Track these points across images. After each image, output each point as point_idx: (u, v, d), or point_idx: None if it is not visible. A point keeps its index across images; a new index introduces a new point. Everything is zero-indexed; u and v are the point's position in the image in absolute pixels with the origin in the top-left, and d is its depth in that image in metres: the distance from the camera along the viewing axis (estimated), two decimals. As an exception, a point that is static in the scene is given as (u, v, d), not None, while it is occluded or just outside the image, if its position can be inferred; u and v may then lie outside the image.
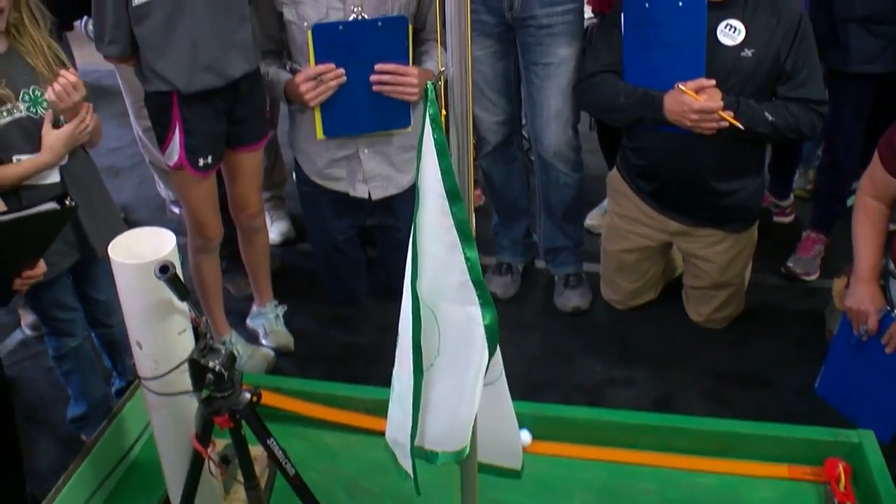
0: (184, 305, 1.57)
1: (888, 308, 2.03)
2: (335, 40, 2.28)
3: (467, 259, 1.18)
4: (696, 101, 2.19)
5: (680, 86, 2.20)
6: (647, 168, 2.48)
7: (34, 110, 1.92)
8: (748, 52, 2.23)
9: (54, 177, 1.97)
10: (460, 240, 1.17)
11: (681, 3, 2.18)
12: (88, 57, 2.69)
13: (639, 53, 2.28)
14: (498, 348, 1.38)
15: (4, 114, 1.88)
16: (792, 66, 2.26)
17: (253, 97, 2.29)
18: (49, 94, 1.88)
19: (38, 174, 1.94)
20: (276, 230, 3.20)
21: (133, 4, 2.05)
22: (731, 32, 2.24)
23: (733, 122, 2.20)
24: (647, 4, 2.23)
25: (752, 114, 2.23)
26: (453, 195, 1.14)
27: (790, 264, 2.94)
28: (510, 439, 1.51)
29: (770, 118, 2.24)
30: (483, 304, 1.22)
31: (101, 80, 4.17)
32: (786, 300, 2.84)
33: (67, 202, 1.69)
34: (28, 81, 1.92)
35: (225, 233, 2.49)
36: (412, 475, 1.40)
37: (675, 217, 2.51)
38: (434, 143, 1.14)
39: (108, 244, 1.53)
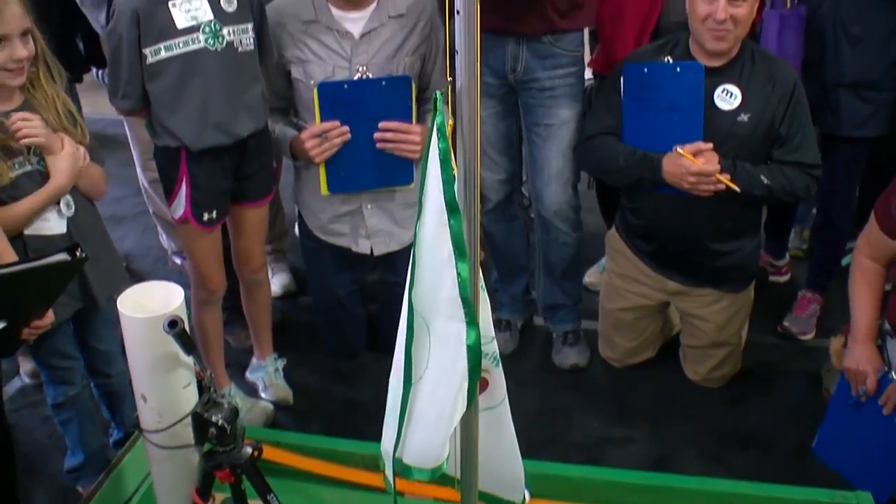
0: (189, 359, 1.59)
1: (886, 368, 2.05)
2: (340, 98, 2.34)
3: (458, 274, 1.20)
4: (693, 164, 2.24)
5: (678, 149, 2.26)
6: (646, 228, 2.52)
7: (43, 164, 1.95)
8: (744, 117, 2.29)
9: (61, 227, 2.00)
10: (454, 254, 1.19)
11: (679, 69, 2.25)
12: (95, 106, 2.74)
13: (638, 116, 2.34)
14: (501, 371, 1.38)
15: (17, 166, 1.91)
16: (787, 130, 2.32)
17: (260, 154, 2.33)
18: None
19: (47, 209, 1.96)
20: (276, 282, 3.23)
21: (148, 62, 2.11)
22: (728, 97, 2.30)
23: (730, 185, 2.25)
24: (645, 69, 2.30)
25: (749, 177, 2.28)
26: (452, 207, 1.15)
27: (786, 324, 2.96)
28: (511, 468, 1.50)
29: (766, 181, 2.29)
30: (468, 323, 1.23)
31: (107, 129, 4.23)
32: (782, 359, 2.86)
33: (78, 253, 1.71)
34: None
35: (227, 285, 2.51)
36: (392, 485, 1.39)
37: (673, 277, 2.55)
38: (438, 153, 1.16)
39: (110, 294, 1.56)
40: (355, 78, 2.36)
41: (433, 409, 1.32)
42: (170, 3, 2.09)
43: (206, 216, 2.29)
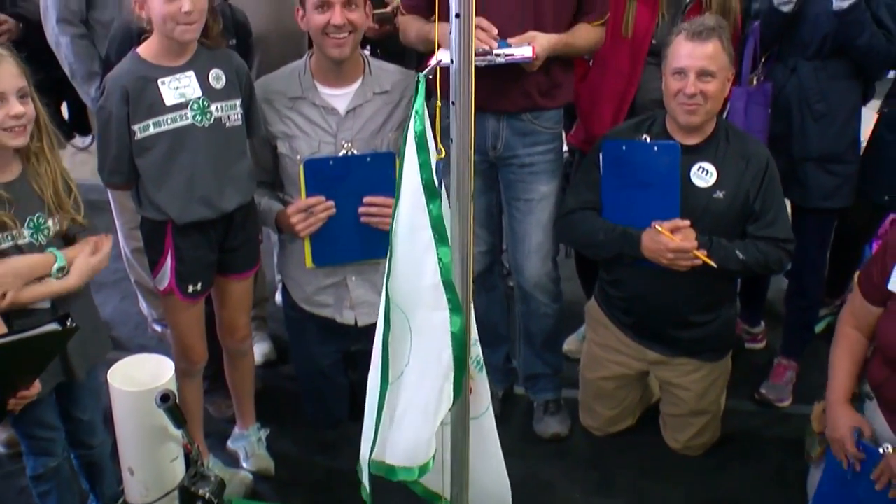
0: (178, 433, 1.60)
1: (873, 443, 2.06)
2: (326, 174, 2.38)
3: (440, 259, 1.19)
4: (671, 240, 2.30)
5: (656, 225, 2.32)
6: (625, 300, 2.57)
7: (37, 237, 1.95)
8: (720, 194, 2.37)
9: (44, 302, 1.99)
10: (434, 239, 1.18)
11: (656, 148, 2.33)
12: (77, 171, 2.74)
13: (617, 192, 2.41)
14: (485, 378, 1.36)
15: (8, 239, 1.91)
16: (761, 206, 2.39)
17: (246, 227, 2.36)
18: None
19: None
20: (257, 351, 3.21)
21: (136, 137, 2.14)
22: (704, 175, 2.37)
23: (707, 260, 2.31)
24: (624, 147, 2.38)
25: (725, 253, 2.34)
26: (430, 191, 1.15)
27: (763, 391, 3.00)
28: (498, 482, 1.47)
29: (741, 256, 2.35)
30: (452, 310, 1.22)
31: (88, 194, 4.13)
32: (761, 426, 2.89)
33: (69, 323, 1.71)
34: (35, 208, 1.96)
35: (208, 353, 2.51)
36: (367, 489, 1.36)
37: (653, 347, 2.59)
38: (414, 136, 1.15)
39: (94, 364, 1.55)
40: (340, 154, 2.41)
41: (418, 404, 1.29)
42: (159, 81, 2.13)
43: (191, 288, 2.30)
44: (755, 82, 2.73)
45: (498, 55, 2.20)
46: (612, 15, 2.53)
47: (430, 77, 1.34)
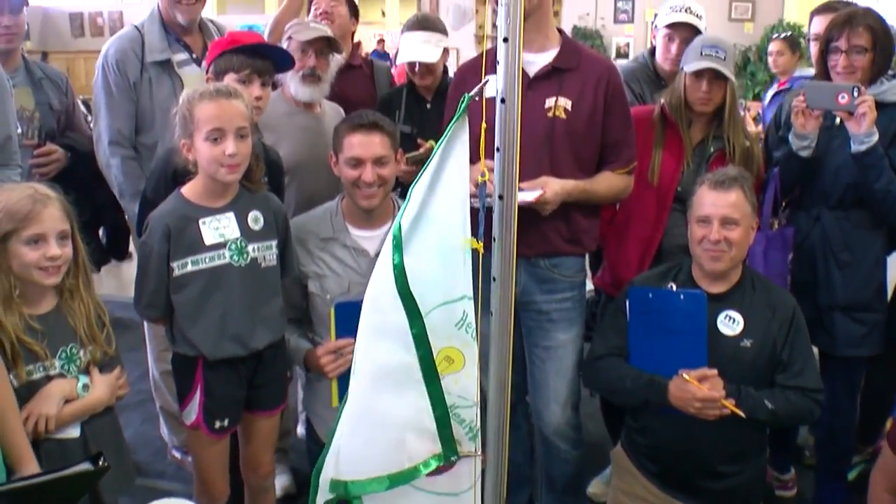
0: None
1: None
2: (355, 317, 2.38)
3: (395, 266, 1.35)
4: (699, 389, 2.28)
5: (684, 374, 2.31)
6: (652, 448, 2.52)
7: (68, 367, 1.99)
8: (747, 343, 2.36)
9: (75, 430, 2.01)
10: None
11: (682, 297, 2.34)
12: (107, 286, 2.81)
13: (643, 339, 2.41)
14: (476, 458, 1.36)
15: (40, 369, 1.95)
16: (788, 355, 2.38)
17: (275, 364, 2.38)
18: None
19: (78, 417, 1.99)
20: (277, 484, 3.14)
21: (174, 274, 2.20)
22: (731, 323, 2.38)
23: (735, 410, 2.28)
24: (650, 295, 2.39)
25: (753, 402, 2.32)
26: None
27: (796, 542, 2.91)
28: None
29: (770, 406, 2.32)
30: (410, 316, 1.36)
31: (114, 311, 4.26)
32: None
33: (101, 462, 1.71)
34: (68, 339, 2.01)
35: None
36: None
37: (680, 497, 2.51)
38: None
39: (119, 496, 1.54)
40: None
41: (377, 412, 1.40)
42: (200, 221, 2.21)
43: (218, 424, 2.31)
44: (776, 226, 2.77)
45: None
46: (638, 162, 2.58)
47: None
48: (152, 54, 2.92)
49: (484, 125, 1.33)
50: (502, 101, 1.20)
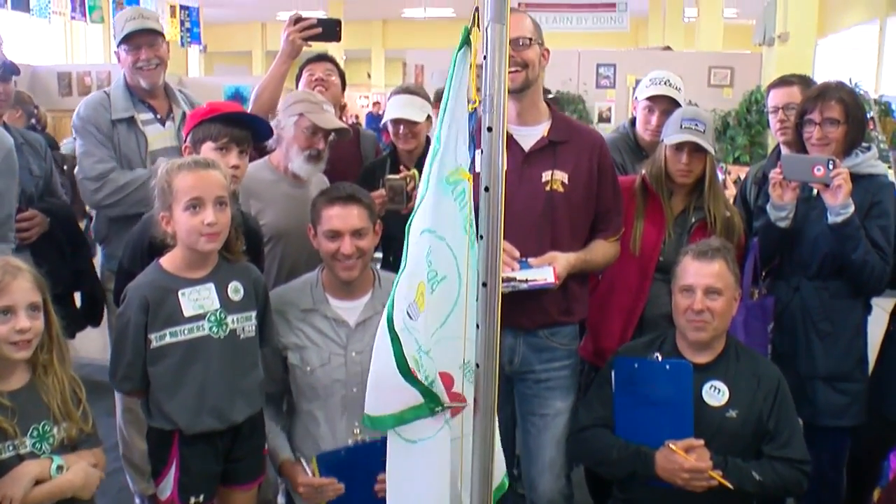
0: None
1: None
2: (339, 463, 2.36)
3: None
4: (686, 460, 2.26)
5: (670, 445, 2.28)
6: (640, 521, 2.49)
7: (40, 446, 1.94)
8: (733, 413, 2.35)
9: None
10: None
11: (668, 367, 2.34)
12: (84, 349, 2.75)
13: (629, 410, 2.39)
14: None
15: (10, 448, 1.89)
16: (775, 426, 2.36)
17: (253, 437, 2.34)
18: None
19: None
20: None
21: (151, 346, 2.16)
22: (716, 393, 2.37)
23: (723, 481, 2.25)
24: (636, 365, 2.38)
25: (740, 473, 2.29)
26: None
27: None
28: None
29: (758, 477, 2.30)
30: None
31: (93, 374, 4.20)
32: None
33: None
34: (41, 417, 1.95)
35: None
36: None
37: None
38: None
39: None
40: (350, 443, 2.40)
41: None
42: (179, 292, 2.18)
43: (192, 500, 2.25)
44: (756, 296, 2.78)
45: (522, 280, 2.24)
46: (620, 232, 2.61)
47: None
48: (117, 112, 3.01)
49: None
50: (486, 189, 1.20)
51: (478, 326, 1.18)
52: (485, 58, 1.23)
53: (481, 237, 1.23)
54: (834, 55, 13.85)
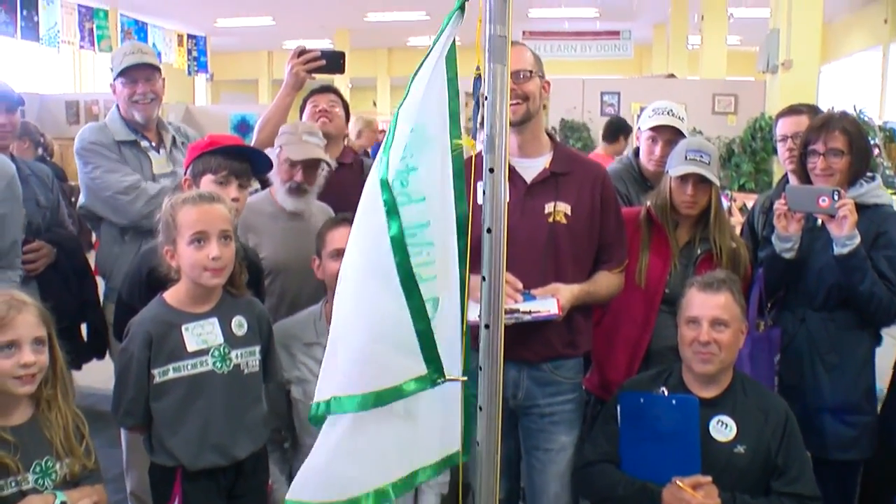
0: None
1: None
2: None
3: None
4: (693, 497, 2.22)
5: (677, 481, 2.25)
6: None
7: (42, 482, 1.92)
8: (741, 448, 2.32)
9: None
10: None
11: (674, 402, 2.31)
12: (89, 379, 2.74)
13: (635, 445, 2.36)
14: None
15: (12, 485, 1.87)
16: (783, 461, 2.33)
17: (256, 474, 2.31)
18: None
19: None
20: None
21: (154, 382, 2.15)
22: (723, 429, 2.34)
23: (731, 519, 2.23)
24: (641, 399, 2.36)
25: (749, 511, 2.26)
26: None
27: None
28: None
29: (767, 516, 2.27)
30: (388, 213, 1.33)
31: (97, 405, 4.19)
32: None
33: None
34: (44, 452, 1.94)
35: None
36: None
37: None
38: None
39: None
40: None
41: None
42: (183, 327, 2.17)
43: (195, 536, 2.22)
44: (762, 328, 2.76)
45: (525, 312, 2.22)
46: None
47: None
48: (119, 136, 3.07)
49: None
50: (488, 230, 1.19)
51: (480, 368, 1.17)
52: (486, 98, 1.23)
53: (484, 278, 1.22)
54: (838, 81, 13.91)
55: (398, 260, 1.36)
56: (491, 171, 1.18)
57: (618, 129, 6.22)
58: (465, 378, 1.44)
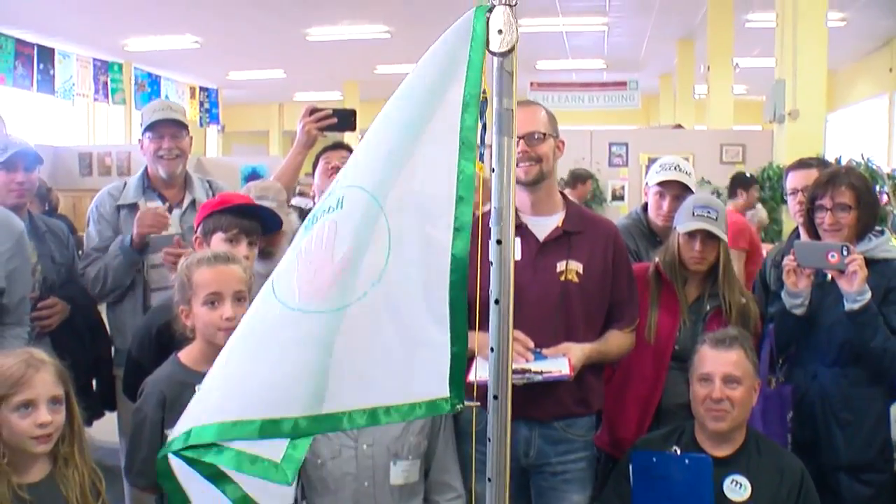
0: None
1: None
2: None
3: (461, 171, 1.18)
4: (707, 559, 2.21)
5: (692, 543, 2.24)
6: None
7: None
8: (756, 511, 2.30)
9: None
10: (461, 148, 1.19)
11: (687, 461, 2.30)
12: (96, 432, 2.75)
13: (648, 506, 2.35)
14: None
15: None
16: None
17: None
18: None
19: None
20: None
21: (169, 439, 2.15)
22: (738, 488, 2.32)
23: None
24: (654, 459, 2.35)
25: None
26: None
27: None
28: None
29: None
30: (457, 230, 1.20)
31: (104, 459, 4.17)
32: None
33: None
34: None
35: None
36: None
37: None
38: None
39: None
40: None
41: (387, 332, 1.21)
42: (197, 387, 2.17)
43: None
44: (773, 384, 2.74)
45: (536, 372, 2.21)
46: (635, 320, 2.60)
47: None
48: (126, 199, 3.16)
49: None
50: (496, 301, 1.21)
51: (489, 440, 1.16)
52: (492, 170, 1.25)
53: (492, 349, 1.22)
54: (844, 129, 13.98)
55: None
56: (499, 242, 1.20)
57: (739, 183, 6.59)
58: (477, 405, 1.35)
